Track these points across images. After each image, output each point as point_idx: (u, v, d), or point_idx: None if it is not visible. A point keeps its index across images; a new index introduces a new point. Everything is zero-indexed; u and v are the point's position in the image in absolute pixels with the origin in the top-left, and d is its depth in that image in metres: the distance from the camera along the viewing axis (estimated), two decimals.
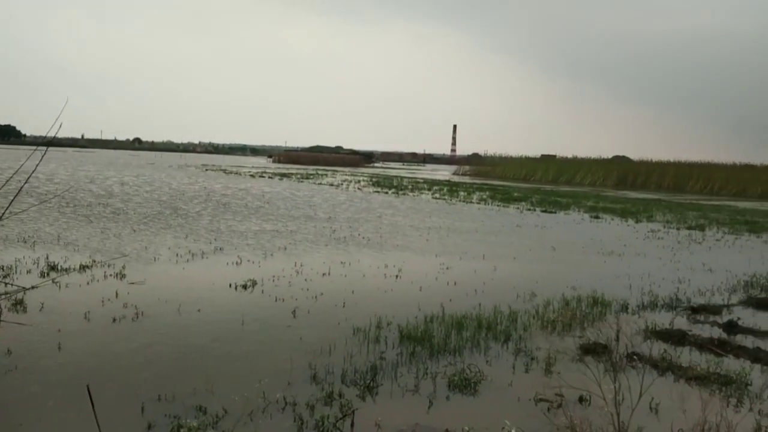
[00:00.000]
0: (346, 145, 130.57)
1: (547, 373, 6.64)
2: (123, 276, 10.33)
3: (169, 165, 62.09)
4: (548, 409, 5.68)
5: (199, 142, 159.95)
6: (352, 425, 5.22)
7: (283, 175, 49.60)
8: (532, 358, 7.07)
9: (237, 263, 11.98)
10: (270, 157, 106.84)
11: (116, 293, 9.14)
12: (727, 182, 55.41)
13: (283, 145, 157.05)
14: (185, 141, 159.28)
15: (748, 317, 9.34)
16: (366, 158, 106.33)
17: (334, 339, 7.41)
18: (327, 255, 13.37)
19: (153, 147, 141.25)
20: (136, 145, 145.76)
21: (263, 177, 46.46)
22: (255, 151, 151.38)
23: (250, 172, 54.11)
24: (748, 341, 8.12)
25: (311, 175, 53.97)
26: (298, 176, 49.80)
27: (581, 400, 5.81)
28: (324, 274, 11.28)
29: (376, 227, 18.62)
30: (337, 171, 68.01)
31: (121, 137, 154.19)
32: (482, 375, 6.38)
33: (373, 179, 50.05)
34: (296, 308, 8.77)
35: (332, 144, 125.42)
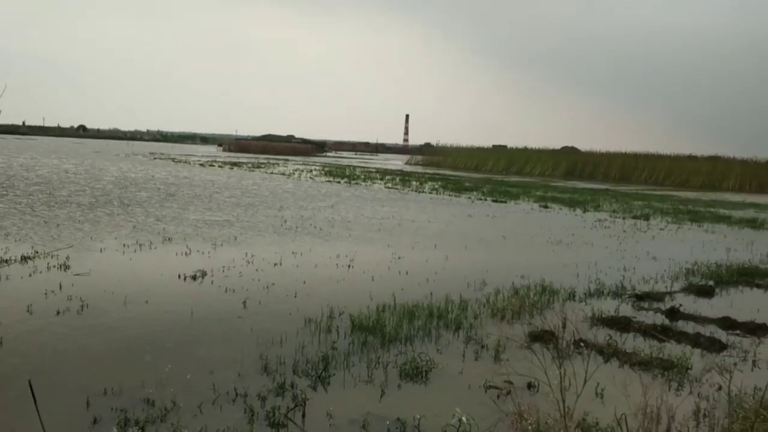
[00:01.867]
0: (298, 134, 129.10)
1: (497, 360, 6.74)
2: (67, 267, 10.05)
3: (116, 153, 60.59)
4: (498, 396, 5.77)
5: (147, 130, 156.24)
6: (303, 416, 5.21)
7: (233, 164, 48.95)
8: (482, 346, 7.17)
9: (186, 253, 11.78)
10: (220, 145, 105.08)
11: (60, 285, 8.89)
12: (671, 173, 57.01)
13: (234, 133, 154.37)
14: (132, 129, 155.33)
15: (689, 304, 9.65)
16: (318, 147, 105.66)
17: (286, 329, 7.37)
18: (278, 245, 13.27)
19: (99, 135, 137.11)
20: (81, 132, 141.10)
21: (213, 166, 45.76)
22: (205, 139, 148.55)
23: (199, 161, 53.24)
24: (689, 327, 8.40)
25: (262, 164, 53.40)
26: (249, 165, 49.22)
27: (529, 386, 5.92)
28: (275, 264, 11.19)
29: (328, 217, 18.55)
30: (288, 160, 67.46)
31: (65, 124, 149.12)
32: (433, 363, 6.44)
33: (325, 168, 49.84)
34: (247, 299, 8.68)
35: (284, 133, 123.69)
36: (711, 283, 11.32)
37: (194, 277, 9.84)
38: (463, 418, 4.79)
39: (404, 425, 5.08)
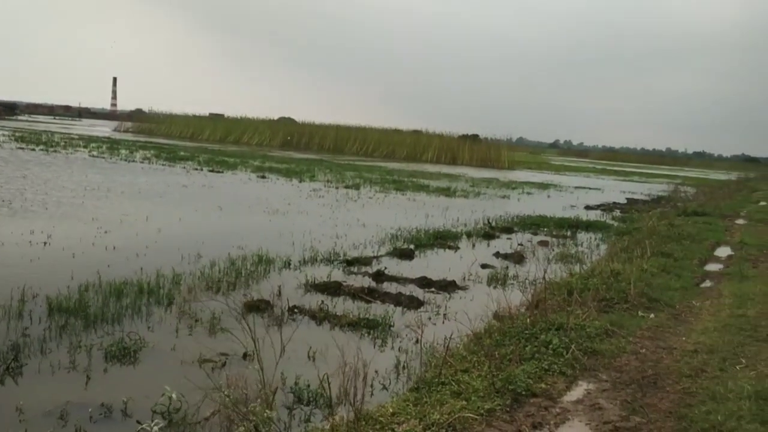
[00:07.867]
0: None
1: (212, 333, 6.64)
2: None
3: None
4: (212, 369, 5.68)
5: None
6: None
7: None
8: (197, 320, 6.99)
9: None
10: None
11: None
12: (379, 145, 61.14)
13: None
14: None
15: (393, 266, 10.48)
16: (7, 110, 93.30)
17: None
18: None
19: None
20: None
21: None
22: None
23: None
24: (392, 287, 9.13)
25: None
26: None
27: (245, 356, 5.92)
28: None
29: (19, 188, 16.46)
30: None
31: None
32: (143, 342, 6.11)
33: (17, 134, 44.13)
34: None
35: None
36: (412, 246, 12.42)
37: None
38: (174, 396, 4.63)
39: (110, 410, 4.76)
